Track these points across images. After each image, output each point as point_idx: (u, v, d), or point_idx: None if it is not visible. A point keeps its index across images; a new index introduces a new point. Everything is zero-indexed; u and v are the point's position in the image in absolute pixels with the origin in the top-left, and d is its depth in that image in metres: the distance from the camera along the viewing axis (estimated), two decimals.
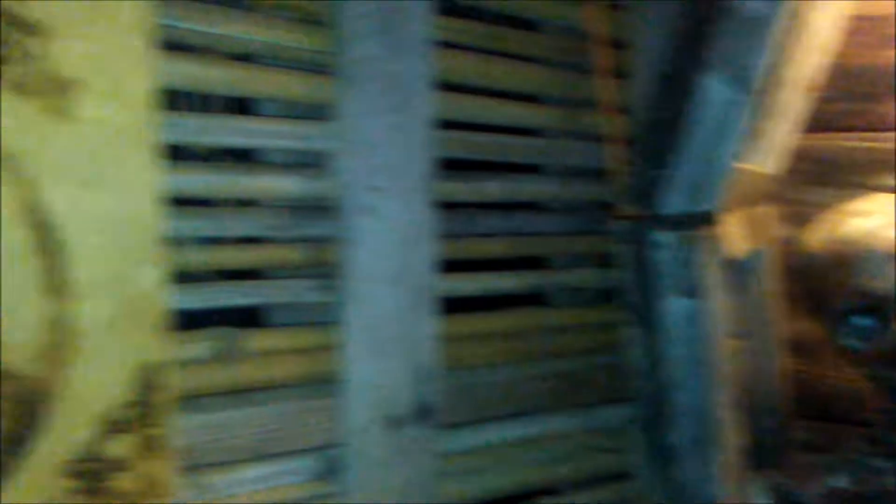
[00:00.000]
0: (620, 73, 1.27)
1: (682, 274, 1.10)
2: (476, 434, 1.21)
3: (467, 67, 1.18)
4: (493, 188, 1.23)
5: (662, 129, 1.12)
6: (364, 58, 1.00)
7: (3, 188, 0.71)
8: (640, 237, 1.12)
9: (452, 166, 1.16)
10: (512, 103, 1.26)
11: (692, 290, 1.15)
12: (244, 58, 0.99)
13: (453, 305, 1.16)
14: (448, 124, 1.14)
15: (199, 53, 0.93)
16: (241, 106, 1.05)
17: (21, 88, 0.72)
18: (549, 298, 1.36)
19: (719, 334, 1.20)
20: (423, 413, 1.11)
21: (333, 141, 1.02)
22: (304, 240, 1.06)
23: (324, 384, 1.06)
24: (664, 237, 1.11)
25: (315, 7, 1.00)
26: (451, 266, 1.16)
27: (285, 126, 1.02)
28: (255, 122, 1.02)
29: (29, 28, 0.72)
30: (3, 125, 0.71)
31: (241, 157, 1.06)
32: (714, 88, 1.13)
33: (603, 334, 1.34)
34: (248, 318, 1.07)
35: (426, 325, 1.10)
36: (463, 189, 1.19)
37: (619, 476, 1.36)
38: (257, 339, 1.03)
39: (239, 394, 1.00)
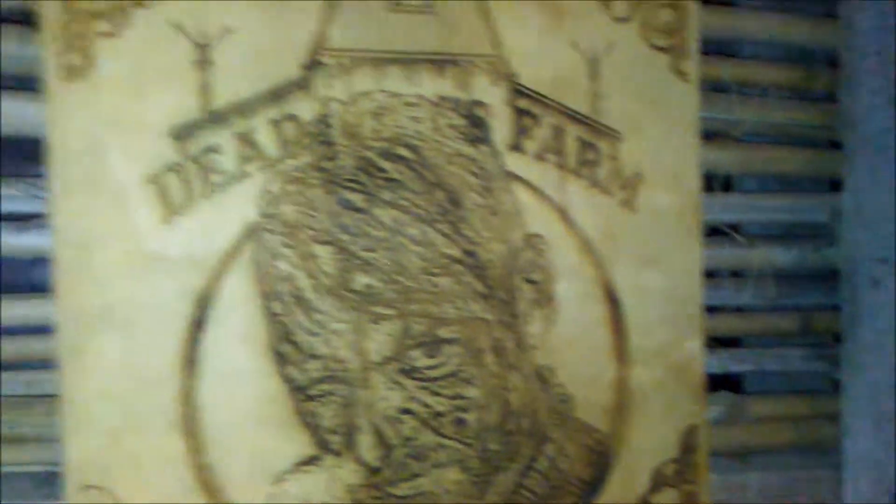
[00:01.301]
0: None
1: None
2: None
3: None
4: None
5: None
6: (872, 131, 1.01)
7: (586, 269, 0.85)
8: None
9: None
10: None
11: None
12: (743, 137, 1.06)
13: None
14: None
15: (714, 138, 1.01)
16: (731, 181, 1.11)
17: (600, 185, 0.85)
18: None
19: None
20: None
21: (834, 213, 1.04)
22: (797, 309, 1.09)
23: (821, 454, 1.07)
24: None
25: (823, 85, 1.04)
26: None
27: (784, 200, 1.06)
28: (753, 197, 1.08)
29: (610, 136, 0.85)
30: (588, 217, 0.85)
31: (735, 230, 1.12)
32: None
33: None
34: (734, 383, 1.12)
35: None
36: None
37: None
38: (754, 405, 1.07)
39: (741, 457, 1.05)
